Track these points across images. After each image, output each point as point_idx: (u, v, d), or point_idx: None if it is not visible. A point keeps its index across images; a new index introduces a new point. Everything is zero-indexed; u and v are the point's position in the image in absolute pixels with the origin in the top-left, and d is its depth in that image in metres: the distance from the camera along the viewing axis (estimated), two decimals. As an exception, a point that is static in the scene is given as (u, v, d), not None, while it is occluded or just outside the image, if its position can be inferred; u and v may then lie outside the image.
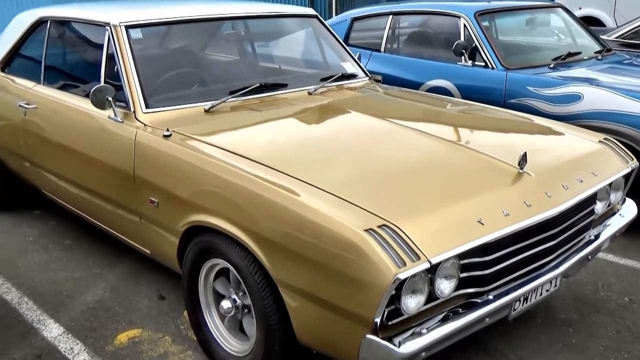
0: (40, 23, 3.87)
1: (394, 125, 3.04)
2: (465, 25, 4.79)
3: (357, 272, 2.00)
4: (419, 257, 2.01)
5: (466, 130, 3.27)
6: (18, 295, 3.34)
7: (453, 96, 4.64)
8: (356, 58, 3.99)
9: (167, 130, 2.79)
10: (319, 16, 4.04)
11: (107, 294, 3.37)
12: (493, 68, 4.59)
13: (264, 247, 2.31)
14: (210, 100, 3.11)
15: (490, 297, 2.29)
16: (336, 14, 16.32)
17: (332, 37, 4.01)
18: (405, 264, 1.97)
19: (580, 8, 9.68)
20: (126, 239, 3.23)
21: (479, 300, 2.28)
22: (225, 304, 2.63)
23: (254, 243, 2.34)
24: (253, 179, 2.39)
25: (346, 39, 5.65)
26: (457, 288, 2.21)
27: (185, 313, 3.03)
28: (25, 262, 3.75)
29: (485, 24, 4.85)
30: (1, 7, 16.76)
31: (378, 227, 2.05)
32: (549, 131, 3.20)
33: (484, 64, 4.64)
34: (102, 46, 3.20)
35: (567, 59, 4.78)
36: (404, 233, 2.05)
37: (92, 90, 2.92)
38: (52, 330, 3.03)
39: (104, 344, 2.93)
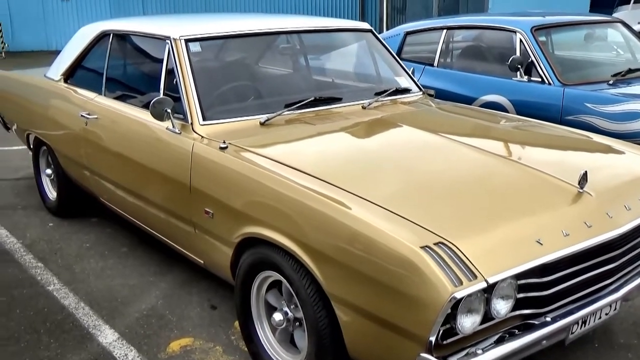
0: (102, 36, 3.99)
1: (448, 140, 3.02)
2: (521, 40, 4.72)
3: (413, 290, 1.98)
4: (475, 276, 1.97)
5: (522, 147, 3.22)
6: (75, 301, 3.43)
7: (507, 112, 4.57)
8: (410, 72, 3.97)
9: (224, 142, 2.83)
10: (374, 30, 4.04)
11: (160, 301, 3.42)
12: (550, 84, 4.50)
13: (317, 261, 2.31)
14: (266, 113, 3.14)
15: (548, 319, 2.23)
16: (387, 28, 16.35)
17: (386, 51, 4.01)
18: (461, 283, 1.94)
19: (639, 22, 9.43)
20: (180, 249, 3.27)
21: (536, 322, 2.22)
22: (277, 316, 2.63)
23: (307, 256, 2.34)
24: (305, 191, 2.41)
25: (399, 52, 5.63)
26: (514, 309, 2.16)
27: (237, 323, 3.05)
28: (82, 267, 3.85)
29: (542, 39, 4.77)
30: (64, 20, 17.38)
31: (434, 244, 2.03)
32: (609, 149, 3.11)
33: (540, 79, 4.56)
34: (161, 59, 3.28)
35: (627, 75, 4.66)
36: (461, 251, 2.02)
37: (151, 102, 2.98)
38: (107, 336, 3.09)
39: (157, 351, 2.98)
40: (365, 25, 4.03)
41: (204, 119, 3.04)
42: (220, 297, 3.46)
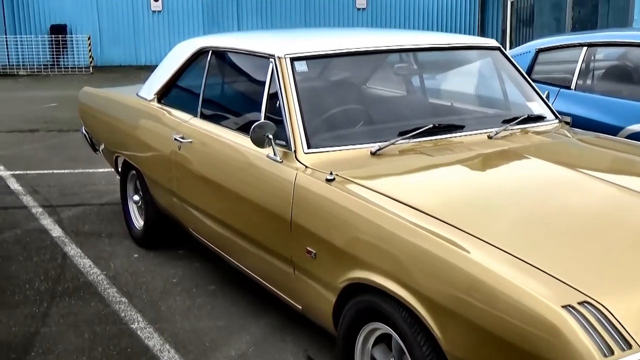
0: (200, 53, 4.16)
1: (588, 177, 2.93)
2: (680, 61, 4.50)
3: (552, 356, 1.90)
4: (629, 345, 1.87)
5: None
6: (160, 342, 3.53)
7: (661, 145, 4.34)
8: (544, 97, 3.88)
9: (330, 173, 2.86)
10: (502, 48, 3.98)
11: (252, 348, 3.47)
12: None
13: (433, 313, 2.27)
14: (377, 142, 3.15)
15: None
16: (511, 43, 16.12)
17: (516, 71, 3.94)
18: (612, 352, 1.84)
19: None
20: (275, 290, 3.31)
21: None
22: (385, 375, 2.60)
23: (422, 308, 2.31)
24: (419, 231, 2.39)
25: (529, 73, 5.50)
26: (676, 387, 2.02)
27: (337, 379, 3.03)
28: (168, 305, 3.97)
29: None
30: (155, 35, 18.34)
31: (578, 303, 1.94)
32: None
33: None
34: (264, 79, 3.37)
35: None
36: (610, 313, 1.93)
37: (252, 127, 3.06)
38: (193, 384, 3.16)
39: (247, 405, 3.01)
40: (492, 42, 3.98)
41: (309, 147, 3.08)
42: (317, 347, 3.46)
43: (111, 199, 5.93)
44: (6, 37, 17.63)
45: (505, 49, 5.69)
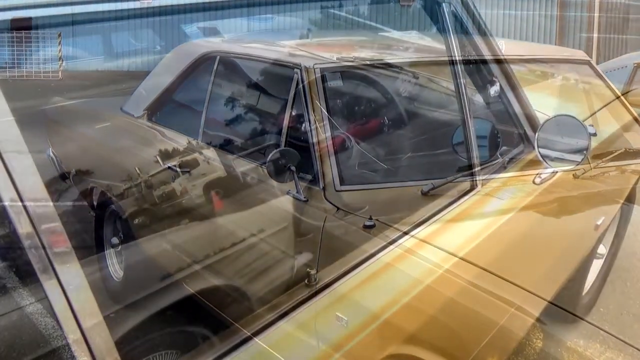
0: (204, 60, 4.22)
1: None
2: None
3: None
4: None
5: None
6: None
7: None
8: (646, 125, 3.91)
9: (370, 218, 2.87)
10: (592, 62, 4.02)
11: None
12: None
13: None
14: (430, 178, 3.15)
15: None
16: (597, 58, 16.09)
17: (610, 92, 3.96)
18: None
19: None
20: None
21: None
22: None
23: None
24: (481, 295, 2.44)
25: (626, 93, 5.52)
26: None
27: None
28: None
29: None
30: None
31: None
32: None
33: None
34: (286, 95, 3.41)
35: None
36: None
37: (269, 156, 3.09)
38: None
39: None
40: (580, 54, 4.02)
41: (342, 183, 3.11)
42: None
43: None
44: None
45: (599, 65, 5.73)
